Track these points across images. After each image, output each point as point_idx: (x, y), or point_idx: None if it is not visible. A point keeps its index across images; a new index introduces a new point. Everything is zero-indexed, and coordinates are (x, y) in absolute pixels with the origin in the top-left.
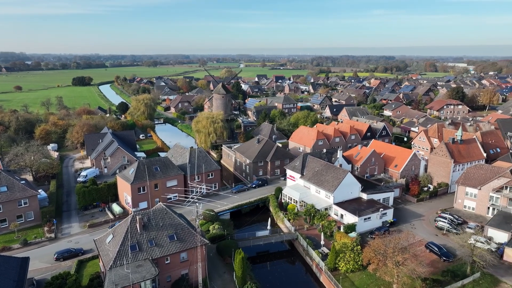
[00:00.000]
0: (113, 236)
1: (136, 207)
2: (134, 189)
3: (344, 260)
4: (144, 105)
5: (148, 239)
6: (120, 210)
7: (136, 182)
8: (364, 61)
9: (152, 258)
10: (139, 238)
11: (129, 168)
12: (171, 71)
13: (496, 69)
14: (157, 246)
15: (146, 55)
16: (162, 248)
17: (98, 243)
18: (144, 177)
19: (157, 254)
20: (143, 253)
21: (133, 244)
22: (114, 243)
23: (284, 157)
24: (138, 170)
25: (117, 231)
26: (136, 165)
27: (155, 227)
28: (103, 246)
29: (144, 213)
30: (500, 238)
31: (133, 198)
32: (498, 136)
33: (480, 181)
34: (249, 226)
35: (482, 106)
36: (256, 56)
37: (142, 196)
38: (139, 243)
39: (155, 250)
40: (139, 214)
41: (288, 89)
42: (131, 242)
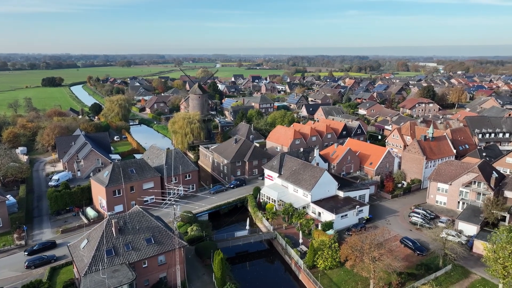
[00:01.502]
0: (87, 241)
1: (111, 211)
2: (109, 192)
3: (322, 258)
4: (118, 106)
5: (124, 243)
6: (95, 214)
7: (111, 185)
8: (339, 61)
9: (129, 262)
10: (115, 242)
11: (104, 170)
12: (146, 71)
13: (463, 68)
14: (134, 250)
15: (119, 54)
16: (139, 252)
17: (72, 248)
18: (119, 179)
19: (134, 258)
20: (119, 257)
21: (109, 248)
22: (89, 248)
23: (261, 156)
24: (113, 173)
25: (92, 236)
26: (110, 168)
27: (132, 231)
28: (77, 252)
29: (120, 217)
30: (469, 231)
31: (108, 201)
32: (467, 133)
33: (450, 177)
34: (228, 227)
35: (451, 104)
36: (233, 56)
37: (117, 199)
38: (115, 248)
39: (132, 254)
40: (115, 218)
41: (265, 89)
42: (106, 246)
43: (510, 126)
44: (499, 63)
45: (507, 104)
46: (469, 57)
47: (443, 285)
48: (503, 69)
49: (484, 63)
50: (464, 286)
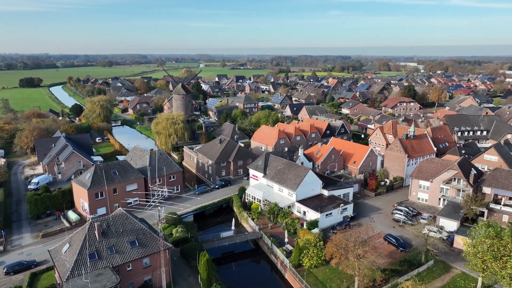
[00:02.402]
0: (69, 245)
1: (94, 214)
2: (91, 194)
3: (308, 256)
4: (100, 107)
5: (108, 246)
6: (77, 218)
7: (93, 187)
8: (322, 60)
9: (113, 266)
10: (98, 245)
11: (86, 173)
12: (128, 72)
13: (443, 68)
14: (117, 253)
15: (100, 54)
16: (123, 255)
17: (53, 253)
18: (101, 182)
19: (118, 261)
20: (102, 261)
21: (91, 252)
22: (71, 253)
23: (246, 156)
24: (95, 175)
25: (74, 240)
26: (92, 170)
27: (115, 234)
28: (59, 257)
29: (102, 220)
30: (450, 226)
31: (91, 204)
32: (447, 131)
33: (431, 174)
34: (213, 227)
35: (431, 103)
36: (216, 56)
37: (100, 201)
38: (98, 251)
39: (115, 257)
40: (98, 221)
41: (249, 89)
42: (89, 250)
43: (487, 124)
44: (476, 63)
45: (484, 102)
46: (448, 57)
47: (426, 281)
48: (480, 68)
49: (462, 63)
50: (445, 280)
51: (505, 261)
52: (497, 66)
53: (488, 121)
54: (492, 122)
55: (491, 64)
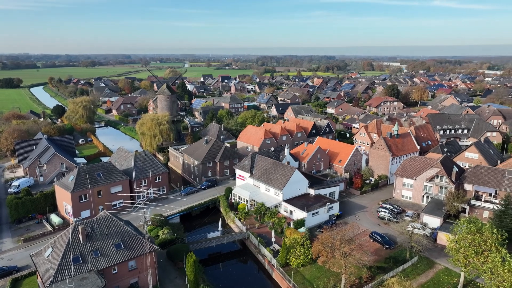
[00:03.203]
0: (52, 249)
1: (77, 217)
2: (74, 197)
3: (295, 255)
4: (83, 107)
5: (92, 249)
6: (60, 221)
7: (77, 190)
8: (307, 60)
9: (98, 269)
10: (82, 249)
11: (69, 175)
12: (112, 72)
13: (425, 68)
14: (102, 256)
15: (83, 54)
16: (108, 258)
17: (36, 258)
18: (85, 184)
19: (103, 265)
20: (87, 264)
21: (75, 256)
22: (54, 257)
23: (233, 157)
24: (79, 177)
25: (57, 244)
26: (76, 172)
27: (100, 236)
28: (41, 261)
29: (87, 222)
30: (433, 223)
31: (74, 207)
32: (429, 129)
33: (415, 172)
34: (200, 228)
35: (414, 102)
36: (201, 56)
37: (84, 204)
38: (83, 255)
39: (100, 261)
40: (82, 224)
41: (235, 89)
42: (73, 254)
43: (468, 122)
44: (457, 62)
45: (465, 101)
46: (430, 57)
47: (410, 277)
48: (460, 68)
49: (444, 63)
50: (429, 276)
51: (486, 256)
52: (477, 66)
53: (469, 120)
54: (473, 121)
55: (471, 64)
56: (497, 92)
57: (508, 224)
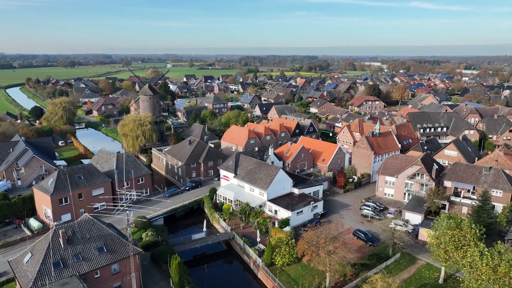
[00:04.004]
0: (31, 254)
1: (58, 221)
2: (54, 201)
3: (280, 255)
4: (62, 109)
5: (74, 253)
6: (39, 225)
7: (57, 193)
8: (290, 60)
9: (80, 274)
10: (63, 253)
11: (48, 178)
12: (92, 72)
13: (405, 67)
14: (84, 260)
15: (61, 54)
16: (90, 262)
17: (14, 264)
18: (66, 187)
19: (85, 269)
20: (68, 269)
21: (56, 261)
22: (34, 262)
23: (217, 157)
24: (59, 180)
25: (37, 249)
26: (56, 175)
27: (82, 240)
28: (20, 267)
29: (68, 226)
30: (415, 220)
31: (54, 210)
32: (410, 128)
33: (396, 170)
34: (185, 230)
35: (395, 101)
36: (184, 56)
37: (64, 207)
38: (64, 259)
39: (82, 265)
40: (62, 228)
41: (218, 89)
42: (54, 259)
43: (447, 121)
44: (435, 62)
45: (443, 100)
46: (409, 56)
47: (393, 273)
48: (439, 68)
49: (423, 63)
50: (411, 272)
51: (465, 251)
52: (454, 66)
53: (448, 118)
54: (451, 119)
55: (449, 63)
56: (473, 91)
57: (486, 219)
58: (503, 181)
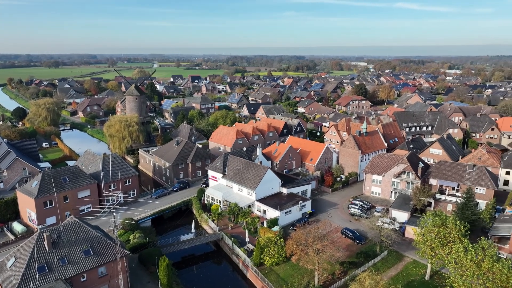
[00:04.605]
0: (15, 259)
1: (42, 224)
2: (39, 203)
3: (269, 254)
4: (46, 110)
5: (59, 257)
6: (23, 229)
7: (41, 195)
8: (277, 60)
9: (65, 278)
10: (48, 257)
11: (32, 180)
12: (76, 72)
13: (390, 67)
14: (70, 264)
15: (45, 54)
16: (76, 265)
17: None
18: (50, 189)
19: (71, 273)
20: (54, 273)
21: (41, 265)
22: (18, 267)
23: (205, 157)
24: (43, 182)
25: (21, 253)
26: (40, 177)
27: (67, 243)
28: (3, 272)
29: (53, 229)
30: (401, 217)
31: (38, 214)
32: (396, 127)
33: (383, 169)
34: (173, 231)
35: (381, 100)
36: (170, 56)
37: (49, 210)
38: (49, 263)
39: (68, 269)
40: (47, 231)
41: (205, 89)
42: (38, 263)
43: (431, 120)
44: (420, 62)
45: (428, 99)
46: (395, 56)
47: (381, 270)
48: (423, 68)
49: (408, 62)
50: (398, 269)
51: (450, 247)
52: (439, 66)
53: (433, 117)
54: (436, 118)
55: (433, 63)
56: (457, 90)
57: (470, 216)
58: (486, 179)
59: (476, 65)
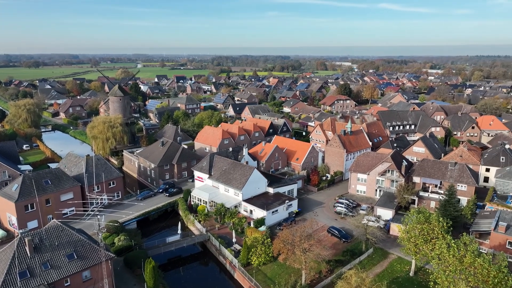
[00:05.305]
0: None
1: (23, 228)
2: (19, 207)
3: (256, 254)
4: (26, 111)
5: (41, 262)
6: (3, 234)
7: (22, 199)
8: (262, 60)
9: (48, 283)
10: (30, 262)
11: (12, 184)
12: (58, 73)
13: (374, 67)
14: (53, 269)
15: (24, 54)
16: (59, 270)
17: None
18: (31, 192)
19: (54, 278)
20: (36, 278)
21: (22, 270)
22: None
23: (190, 158)
24: (24, 186)
25: (0, 258)
26: (20, 180)
27: (50, 248)
28: None
29: (34, 234)
30: (386, 215)
31: (19, 218)
32: (380, 126)
33: (368, 167)
34: (159, 233)
35: (365, 100)
36: (155, 56)
37: (30, 214)
38: (31, 268)
39: (51, 273)
40: (28, 235)
41: (190, 89)
42: (19, 268)
43: (414, 118)
44: (403, 62)
45: (411, 99)
46: (378, 56)
47: (367, 268)
48: (406, 67)
49: (391, 62)
50: (384, 266)
51: (433, 243)
52: (421, 65)
53: (415, 116)
54: (419, 117)
55: (415, 63)
56: (439, 89)
57: (452, 213)
58: (467, 176)
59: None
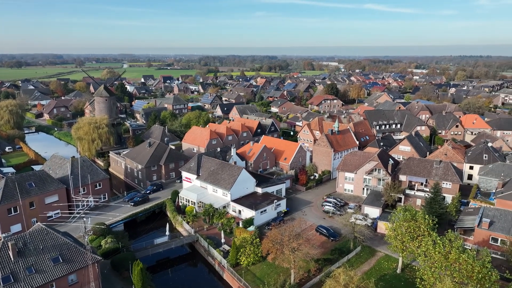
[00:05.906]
0: None
1: (6, 232)
2: (2, 211)
3: (245, 254)
4: (9, 112)
5: (25, 266)
6: None
7: (5, 202)
8: (250, 60)
9: None
10: (13, 267)
11: None
12: (41, 73)
13: (360, 67)
14: (38, 273)
15: (6, 54)
16: (44, 274)
17: None
18: (15, 195)
19: (38, 282)
20: (20, 283)
21: (5, 275)
22: None
23: (178, 159)
24: (7, 188)
25: None
26: (3, 183)
27: (34, 251)
28: None
29: (18, 238)
30: (373, 213)
31: (2, 221)
32: (366, 125)
33: (355, 166)
34: (147, 235)
35: (352, 99)
36: (141, 56)
37: (13, 218)
38: (14, 273)
39: (35, 278)
40: (12, 240)
41: (178, 90)
42: (3, 273)
43: (400, 118)
44: (388, 62)
45: (397, 98)
46: (364, 56)
47: (355, 266)
48: (392, 67)
49: (377, 62)
50: (371, 264)
51: (420, 241)
52: (406, 65)
53: (401, 115)
54: (404, 116)
55: (401, 63)
56: (424, 89)
57: (437, 210)
58: (452, 174)
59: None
